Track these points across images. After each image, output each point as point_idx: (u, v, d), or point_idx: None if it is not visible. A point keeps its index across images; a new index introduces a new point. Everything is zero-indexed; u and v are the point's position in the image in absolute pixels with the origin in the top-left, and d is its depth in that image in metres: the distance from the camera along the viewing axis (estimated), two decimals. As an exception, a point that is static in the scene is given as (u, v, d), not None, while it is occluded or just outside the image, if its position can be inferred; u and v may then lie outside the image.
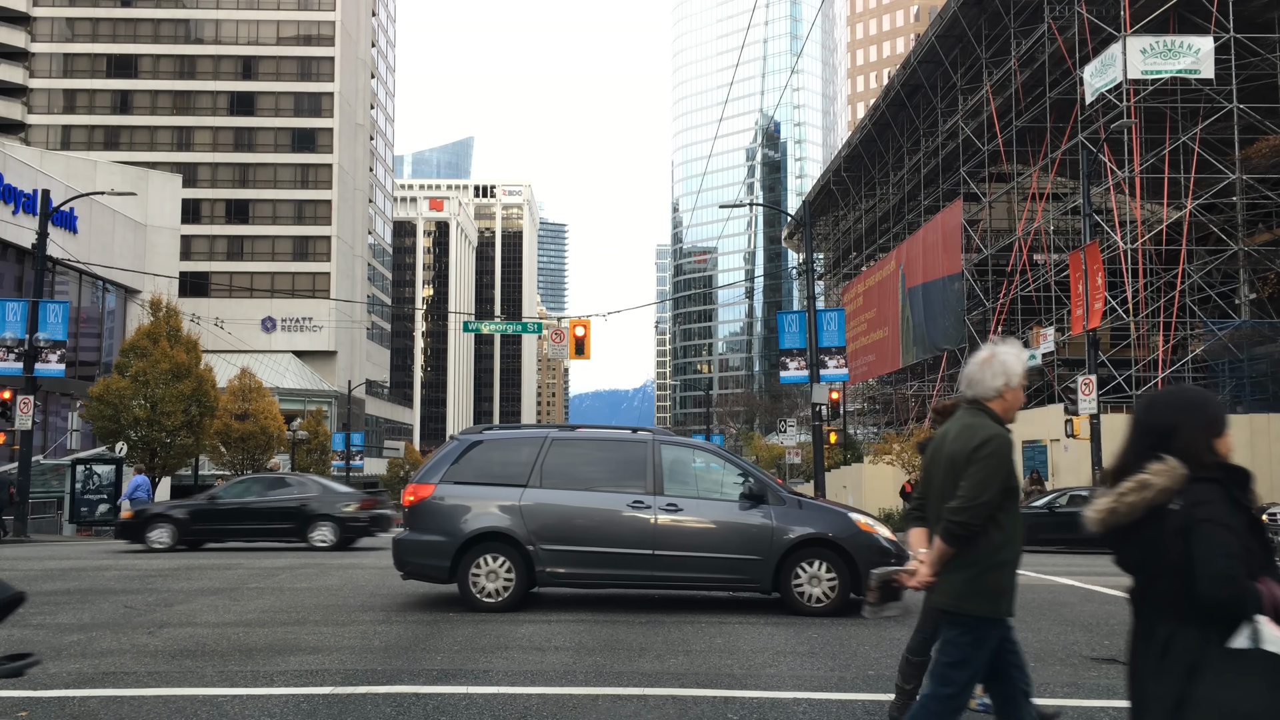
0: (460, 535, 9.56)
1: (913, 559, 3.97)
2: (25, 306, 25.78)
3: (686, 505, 9.63)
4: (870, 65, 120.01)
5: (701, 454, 10.42)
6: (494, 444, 10.16)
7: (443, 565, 9.59)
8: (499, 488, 9.71)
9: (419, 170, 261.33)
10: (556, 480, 9.73)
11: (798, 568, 9.49)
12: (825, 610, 9.41)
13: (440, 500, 9.77)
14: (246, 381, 49.15)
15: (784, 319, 27.22)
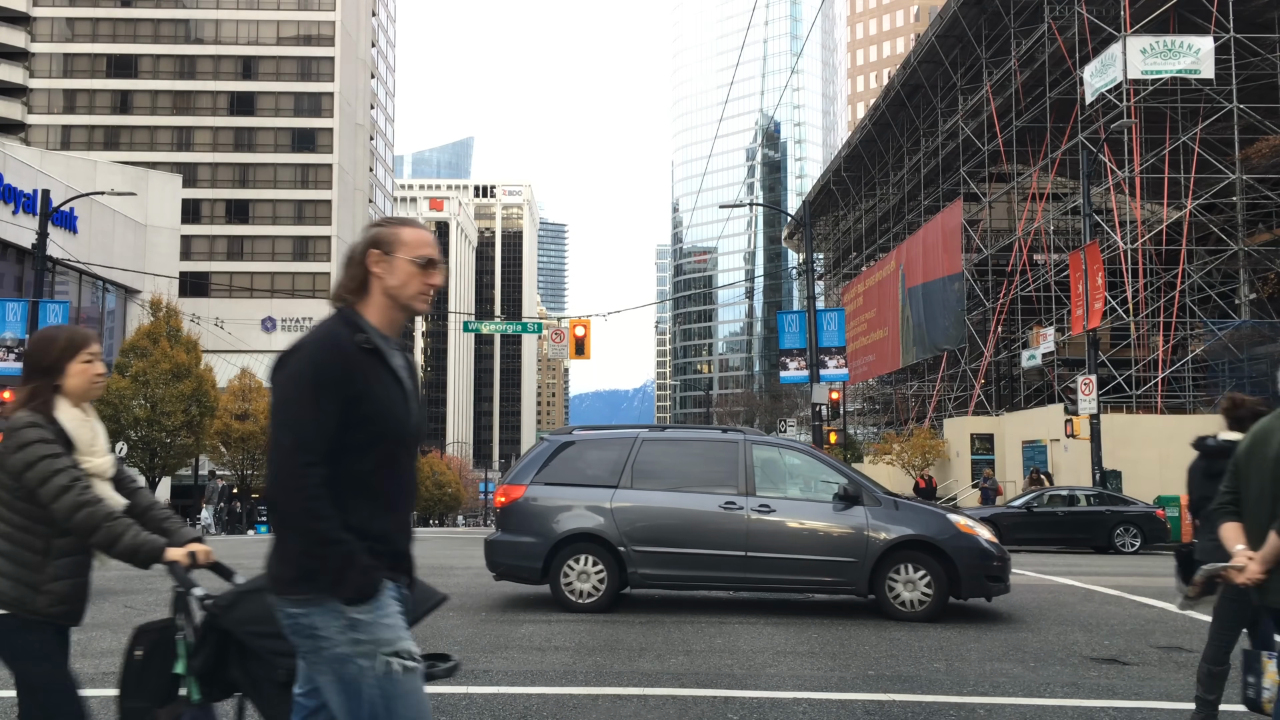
0: (552, 537, 9.51)
1: (1236, 555, 3.87)
2: (25, 306, 25.80)
3: (779, 506, 9.48)
4: (870, 65, 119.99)
5: (794, 454, 10.24)
6: (584, 445, 10.09)
7: (535, 567, 9.56)
8: (589, 489, 9.65)
9: (419, 170, 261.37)
10: (647, 481, 9.66)
11: (893, 571, 9.28)
12: (921, 615, 9.15)
13: (531, 502, 9.74)
14: (246, 381, 49.15)
15: (784, 319, 27.22)
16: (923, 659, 7.39)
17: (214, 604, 3.04)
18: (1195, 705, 5.38)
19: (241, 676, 3.02)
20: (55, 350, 3.33)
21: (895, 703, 5.99)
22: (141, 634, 3.22)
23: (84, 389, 3.34)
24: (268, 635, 2.83)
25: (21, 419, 3.18)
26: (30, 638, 3.15)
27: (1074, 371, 30.52)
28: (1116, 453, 25.33)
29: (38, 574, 3.14)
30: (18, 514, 3.15)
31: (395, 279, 2.65)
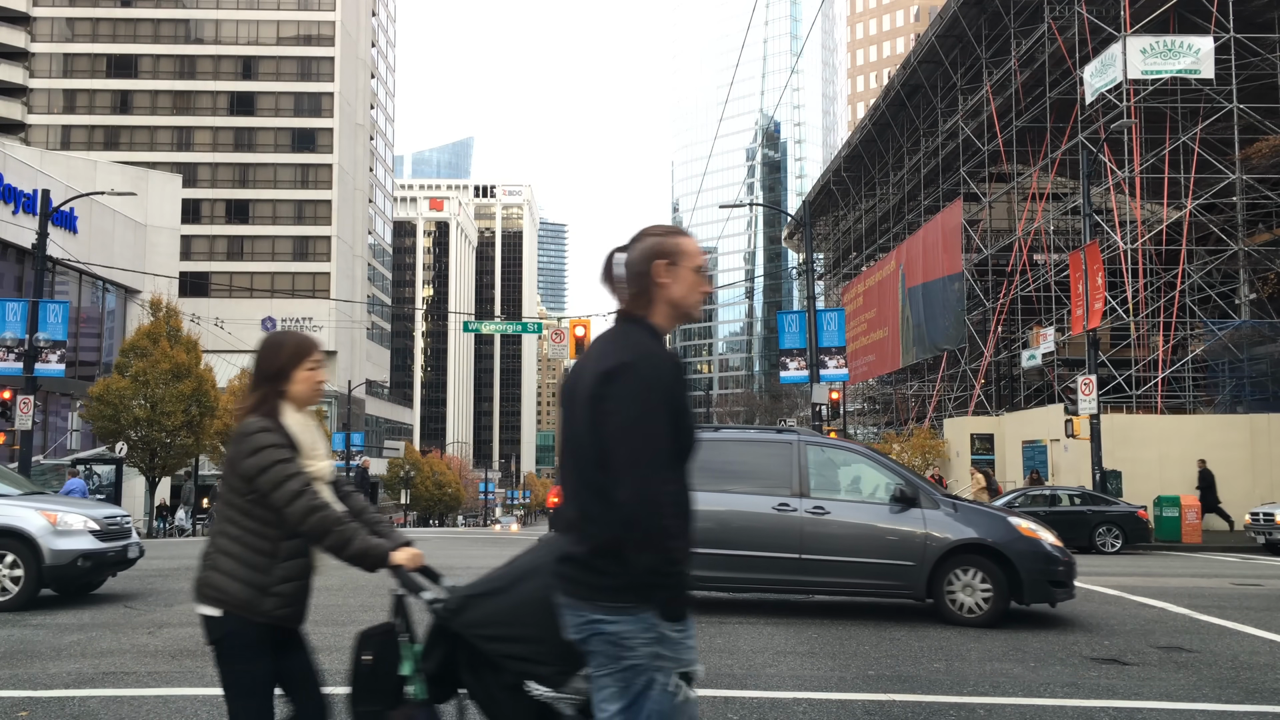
0: None
1: None
2: (25, 306, 25.78)
3: (834, 508, 9.32)
4: (870, 65, 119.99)
5: (849, 454, 10.09)
6: None
7: None
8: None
9: (419, 170, 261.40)
10: (698, 481, 9.46)
11: (951, 575, 9.09)
12: (981, 620, 8.95)
13: None
14: (246, 381, 49.09)
15: (784, 319, 27.22)
16: (923, 659, 7.39)
17: (443, 608, 3.09)
18: None
19: (470, 679, 3.06)
20: (283, 356, 3.42)
21: (895, 703, 5.99)
22: (367, 639, 3.26)
23: (308, 395, 3.41)
24: (497, 639, 2.94)
25: (254, 424, 3.24)
26: (251, 641, 3.22)
27: (1074, 371, 30.51)
28: (1116, 453, 25.34)
29: (266, 576, 3.20)
30: (249, 517, 3.21)
31: (680, 288, 2.72)
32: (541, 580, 2.92)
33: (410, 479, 74.63)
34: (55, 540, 10.03)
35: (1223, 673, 7.05)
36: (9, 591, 9.92)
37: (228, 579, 3.18)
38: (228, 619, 3.17)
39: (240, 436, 3.22)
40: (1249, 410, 28.66)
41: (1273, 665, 7.38)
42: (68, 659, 7.26)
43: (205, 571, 3.23)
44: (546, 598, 2.83)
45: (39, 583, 10.03)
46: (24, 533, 9.97)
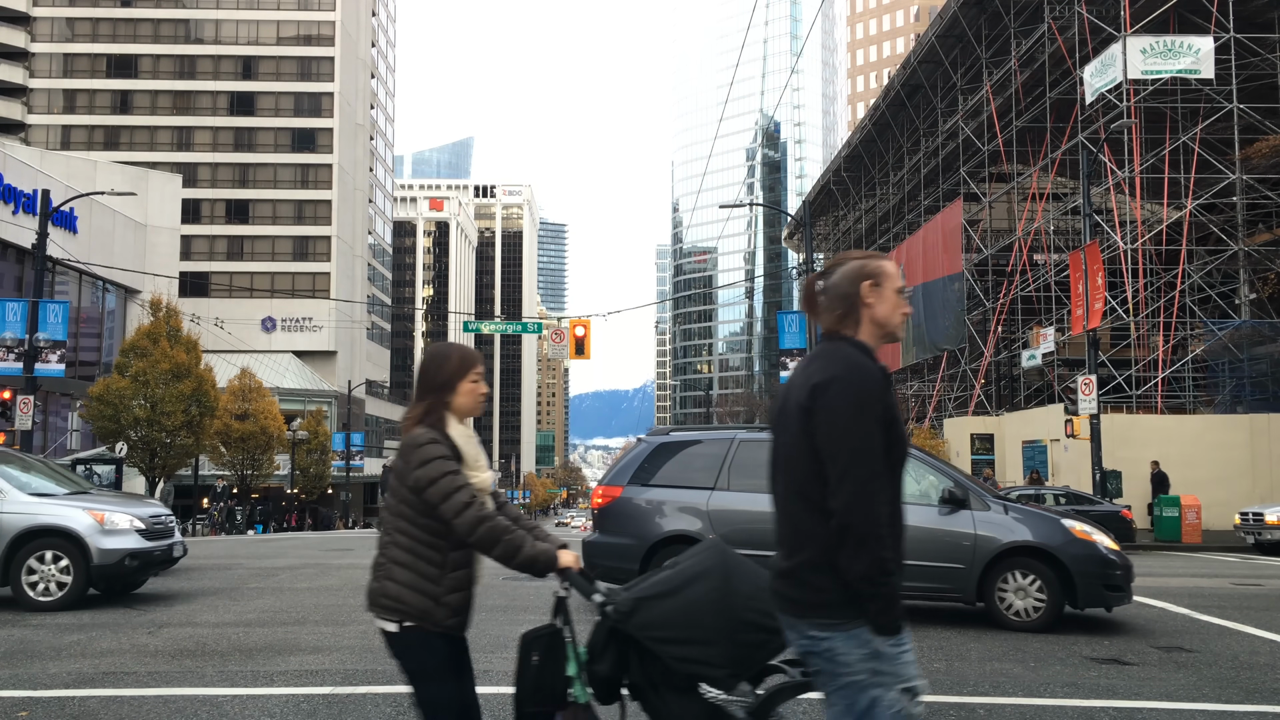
0: (648, 538, 9.36)
1: None
2: (25, 306, 25.78)
3: None
4: (870, 65, 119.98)
5: None
6: (681, 445, 9.89)
7: (631, 568, 9.32)
8: (687, 490, 9.44)
9: (419, 170, 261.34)
10: (745, 483, 9.40)
11: (1003, 578, 8.89)
12: (1034, 625, 8.76)
13: (628, 503, 9.61)
14: (246, 381, 49.14)
15: (784, 319, 27.21)
16: (923, 659, 7.38)
17: (615, 610, 3.13)
18: None
19: (642, 681, 3.09)
20: (449, 368, 3.42)
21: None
22: (534, 640, 3.33)
23: (471, 406, 3.44)
24: (669, 641, 2.97)
25: (423, 436, 3.29)
26: (435, 649, 3.26)
27: (1074, 371, 30.51)
28: (1116, 453, 25.34)
29: (437, 586, 3.24)
30: (419, 528, 3.25)
31: (885, 308, 2.80)
32: (711, 583, 3.01)
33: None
34: (103, 539, 10.03)
35: (1223, 673, 7.05)
36: (58, 591, 9.93)
37: (403, 589, 3.23)
38: (406, 633, 3.23)
39: (409, 448, 3.28)
40: (1249, 410, 28.65)
41: (1273, 665, 7.38)
42: (68, 659, 7.26)
43: (380, 582, 3.27)
44: (717, 600, 2.93)
45: (87, 582, 10.03)
46: (72, 532, 9.97)
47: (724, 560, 3.12)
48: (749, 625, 3.02)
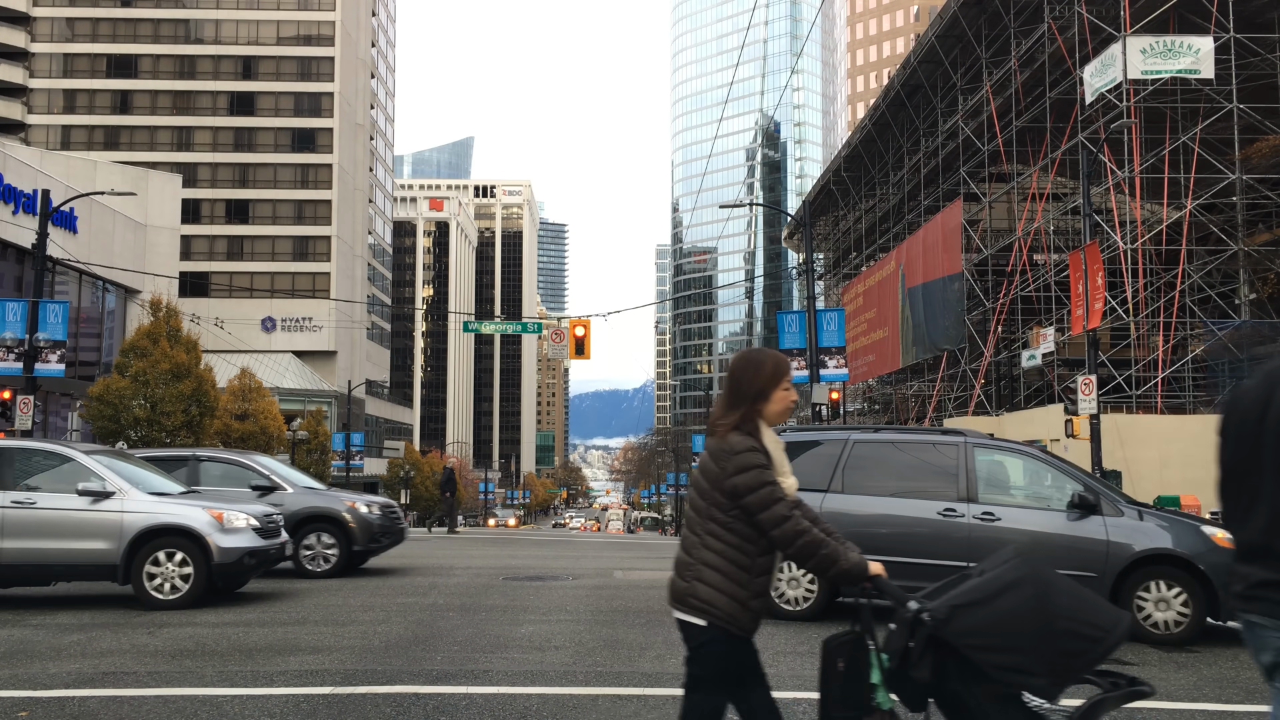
0: None
1: None
2: (25, 306, 25.78)
3: (1005, 514, 8.79)
4: (870, 65, 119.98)
5: (1021, 457, 9.58)
6: (793, 446, 9.29)
7: None
8: (799, 492, 9.15)
9: (419, 170, 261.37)
10: (860, 485, 9.21)
11: (1141, 589, 8.47)
12: (1177, 638, 8.32)
13: None
14: (246, 381, 49.15)
15: (784, 319, 27.21)
16: (923, 659, 7.37)
17: (931, 617, 3.12)
18: None
19: (961, 689, 3.10)
20: (764, 376, 3.44)
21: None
22: (838, 647, 3.35)
23: (781, 414, 3.47)
24: (988, 649, 2.97)
25: (741, 443, 3.30)
26: (730, 659, 3.34)
27: (1074, 371, 30.51)
28: (1116, 453, 25.33)
29: (746, 590, 3.32)
30: (731, 532, 3.29)
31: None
32: (1026, 593, 3.00)
33: (410, 479, 74.69)
34: (223, 538, 10.07)
35: (1223, 673, 7.05)
36: (179, 590, 9.95)
37: (715, 592, 3.29)
38: (711, 629, 3.30)
39: (725, 454, 3.30)
40: (1249, 410, 28.61)
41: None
42: (68, 659, 7.26)
43: (690, 583, 3.32)
44: (1035, 609, 2.92)
45: (208, 581, 10.06)
46: (193, 530, 9.99)
47: (1035, 570, 3.11)
48: (1068, 634, 3.03)
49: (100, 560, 9.89)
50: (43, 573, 10.09)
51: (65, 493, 9.99)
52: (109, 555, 9.86)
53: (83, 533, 9.88)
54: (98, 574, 10.00)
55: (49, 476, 10.22)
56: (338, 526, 12.85)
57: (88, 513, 9.91)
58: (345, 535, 12.82)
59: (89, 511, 9.91)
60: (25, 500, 9.93)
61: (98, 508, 9.92)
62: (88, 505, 9.92)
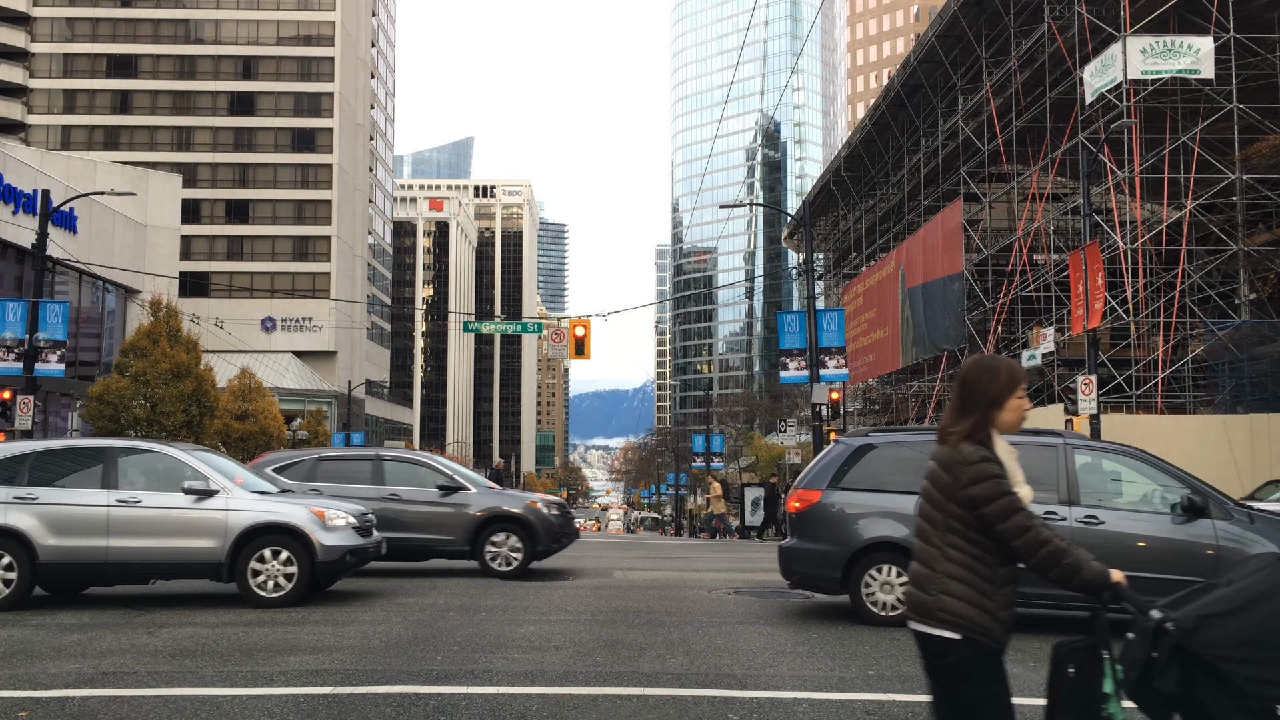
0: (852, 545, 8.97)
1: None
2: (25, 306, 25.78)
3: (1108, 517, 8.59)
4: (870, 65, 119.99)
5: (1122, 458, 9.38)
6: (884, 448, 9.47)
7: (833, 576, 9.03)
8: (890, 495, 8.97)
9: (419, 170, 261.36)
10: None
11: None
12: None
13: (829, 507, 9.20)
14: (246, 381, 49.16)
15: (784, 319, 27.21)
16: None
17: (1176, 626, 3.06)
18: None
19: (1209, 700, 3.02)
20: (999, 383, 3.37)
21: (895, 703, 5.99)
22: (1069, 653, 3.30)
23: (1015, 423, 3.40)
24: (1239, 660, 2.89)
25: (975, 453, 3.25)
26: (993, 661, 3.24)
27: (1074, 371, 30.51)
28: (1116, 453, 25.30)
29: (992, 601, 3.24)
30: (970, 543, 3.24)
31: None
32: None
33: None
34: (326, 536, 10.10)
35: (1223, 673, 7.04)
36: (283, 588, 9.99)
37: (963, 604, 3.21)
38: (966, 643, 3.20)
39: (960, 464, 3.24)
40: (1249, 410, 28.64)
41: (1273, 665, 7.37)
42: (68, 659, 7.26)
43: (934, 595, 3.26)
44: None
45: (312, 578, 10.11)
46: (297, 528, 10.02)
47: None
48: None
49: (206, 558, 9.94)
50: (149, 571, 10.15)
51: (168, 491, 10.06)
52: (214, 553, 9.90)
53: (189, 531, 9.94)
54: (202, 572, 10.06)
55: (151, 475, 10.29)
56: (522, 527, 12.92)
57: (193, 511, 9.97)
58: (530, 536, 12.87)
59: (194, 510, 9.97)
60: (130, 499, 9.97)
61: (202, 506, 9.98)
62: (191, 503, 9.98)
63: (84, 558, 9.86)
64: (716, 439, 62.23)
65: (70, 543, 9.83)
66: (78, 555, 9.85)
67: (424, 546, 13.01)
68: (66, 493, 10.03)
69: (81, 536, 9.85)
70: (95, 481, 10.08)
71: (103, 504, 9.93)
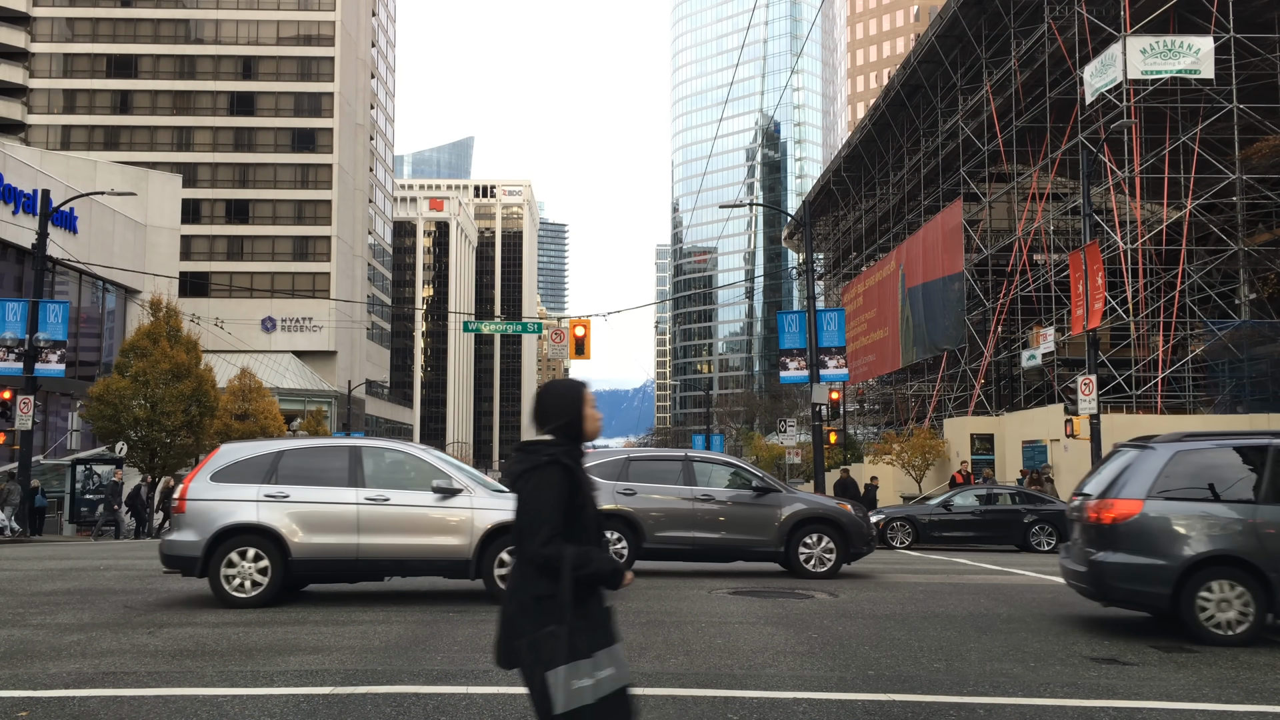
0: (1182, 559, 8.31)
1: None
2: (25, 306, 25.78)
3: None
4: (870, 65, 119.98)
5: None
6: (1207, 453, 8.87)
7: (1162, 593, 8.40)
8: (1222, 504, 8.48)
9: (419, 170, 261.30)
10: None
11: None
12: None
13: (1150, 518, 8.48)
14: (246, 381, 49.16)
15: (784, 319, 27.21)
16: (923, 659, 7.38)
17: None
18: None
19: None
20: None
21: (895, 703, 5.99)
22: None
23: None
24: None
25: None
26: None
27: (1074, 371, 30.50)
28: (1116, 453, 25.29)
29: None
30: None
31: None
32: None
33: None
34: None
35: (1223, 673, 7.05)
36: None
37: None
38: None
39: None
40: (1249, 410, 28.64)
41: (1273, 665, 7.38)
42: (68, 659, 7.26)
43: None
44: None
45: None
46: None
47: None
48: None
49: (453, 556, 10.00)
50: (398, 568, 10.22)
51: (413, 490, 10.13)
52: (462, 551, 9.96)
53: (437, 529, 10.02)
54: (449, 570, 10.12)
55: (395, 474, 10.38)
56: (836, 529, 13.00)
57: (440, 509, 10.03)
58: (843, 538, 12.96)
59: (440, 509, 10.03)
60: (378, 497, 10.02)
61: (448, 505, 10.04)
62: (437, 502, 10.04)
63: (335, 555, 9.91)
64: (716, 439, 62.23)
65: (322, 540, 9.89)
66: (329, 552, 9.90)
67: (735, 547, 13.16)
68: (316, 490, 10.06)
69: (333, 534, 9.91)
70: (342, 479, 10.12)
71: (352, 502, 9.97)
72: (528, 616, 3.27)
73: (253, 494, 9.97)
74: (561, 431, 3.46)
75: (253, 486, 10.02)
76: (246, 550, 9.82)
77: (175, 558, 10.02)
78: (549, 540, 3.25)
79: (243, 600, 9.75)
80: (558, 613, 3.20)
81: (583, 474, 3.43)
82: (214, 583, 9.85)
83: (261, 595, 9.78)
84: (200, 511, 9.95)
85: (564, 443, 3.44)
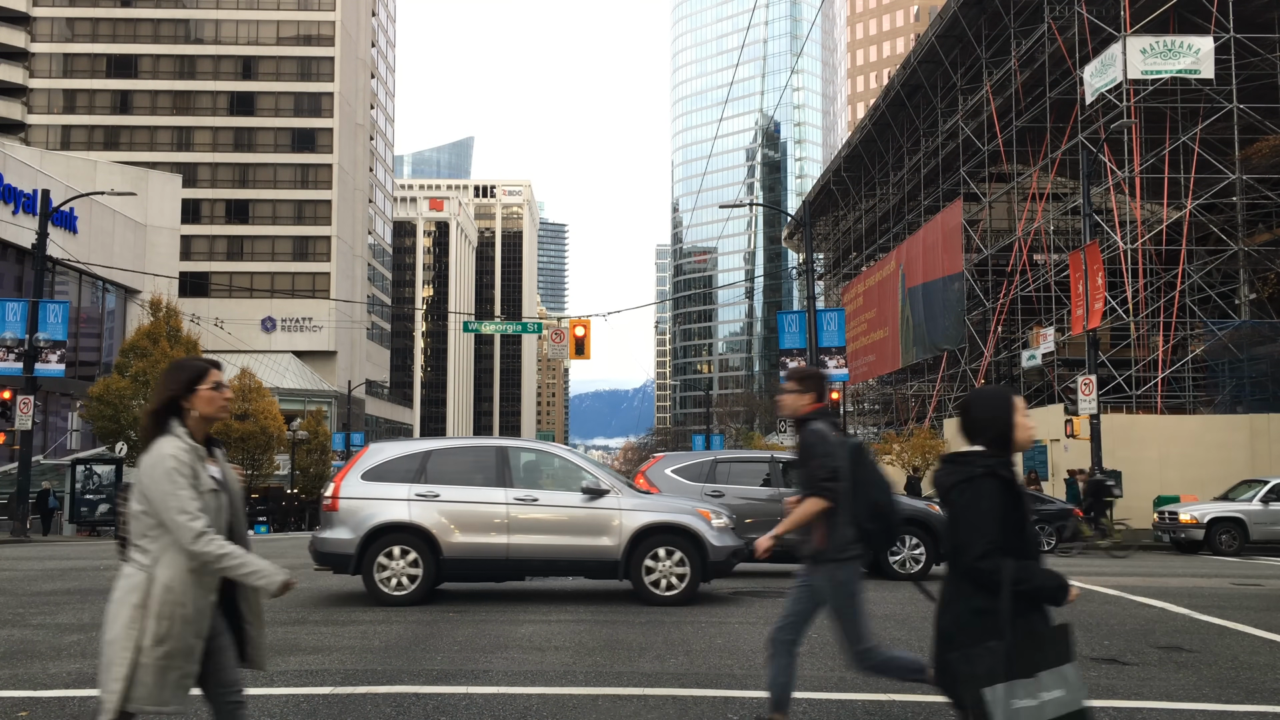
0: None
1: None
2: (25, 306, 25.77)
3: None
4: (870, 65, 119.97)
5: None
6: None
7: None
8: None
9: (419, 170, 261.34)
10: None
11: None
12: None
13: None
14: (246, 381, 49.14)
15: (784, 319, 27.23)
16: (923, 659, 7.37)
17: None
18: None
19: None
20: None
21: (895, 703, 5.99)
22: None
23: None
24: None
25: None
26: None
27: (1074, 371, 30.52)
28: (1116, 452, 25.34)
29: None
30: None
31: None
32: None
33: None
34: (714, 536, 10.21)
35: (1223, 673, 7.05)
36: (675, 587, 10.05)
37: None
38: None
39: None
40: (1249, 410, 28.66)
41: (1273, 665, 7.38)
42: (68, 659, 7.26)
43: None
44: None
45: (701, 577, 10.19)
46: (691, 530, 10.13)
47: None
48: None
49: (603, 556, 10.01)
50: (548, 568, 10.24)
51: (562, 490, 10.18)
52: (611, 552, 9.98)
53: (587, 529, 10.02)
54: (598, 570, 10.14)
55: (543, 474, 10.45)
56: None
57: (589, 510, 10.04)
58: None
59: (589, 509, 10.04)
60: (527, 497, 10.06)
61: (596, 505, 10.05)
62: (585, 502, 10.05)
63: (485, 554, 9.95)
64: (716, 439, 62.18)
65: (473, 539, 9.93)
66: (479, 552, 9.94)
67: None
68: (465, 490, 10.09)
69: (483, 534, 9.95)
70: (491, 479, 10.16)
71: (502, 501, 10.01)
72: (964, 631, 3.21)
73: (404, 493, 10.02)
74: (994, 443, 3.37)
75: (403, 485, 10.07)
76: (394, 549, 9.88)
77: (328, 555, 10.04)
78: (986, 554, 3.17)
79: (396, 599, 9.81)
80: (997, 628, 3.10)
81: (1021, 486, 3.34)
82: (368, 580, 9.89)
83: (413, 594, 9.84)
84: (353, 510, 9.99)
85: (996, 453, 3.35)
